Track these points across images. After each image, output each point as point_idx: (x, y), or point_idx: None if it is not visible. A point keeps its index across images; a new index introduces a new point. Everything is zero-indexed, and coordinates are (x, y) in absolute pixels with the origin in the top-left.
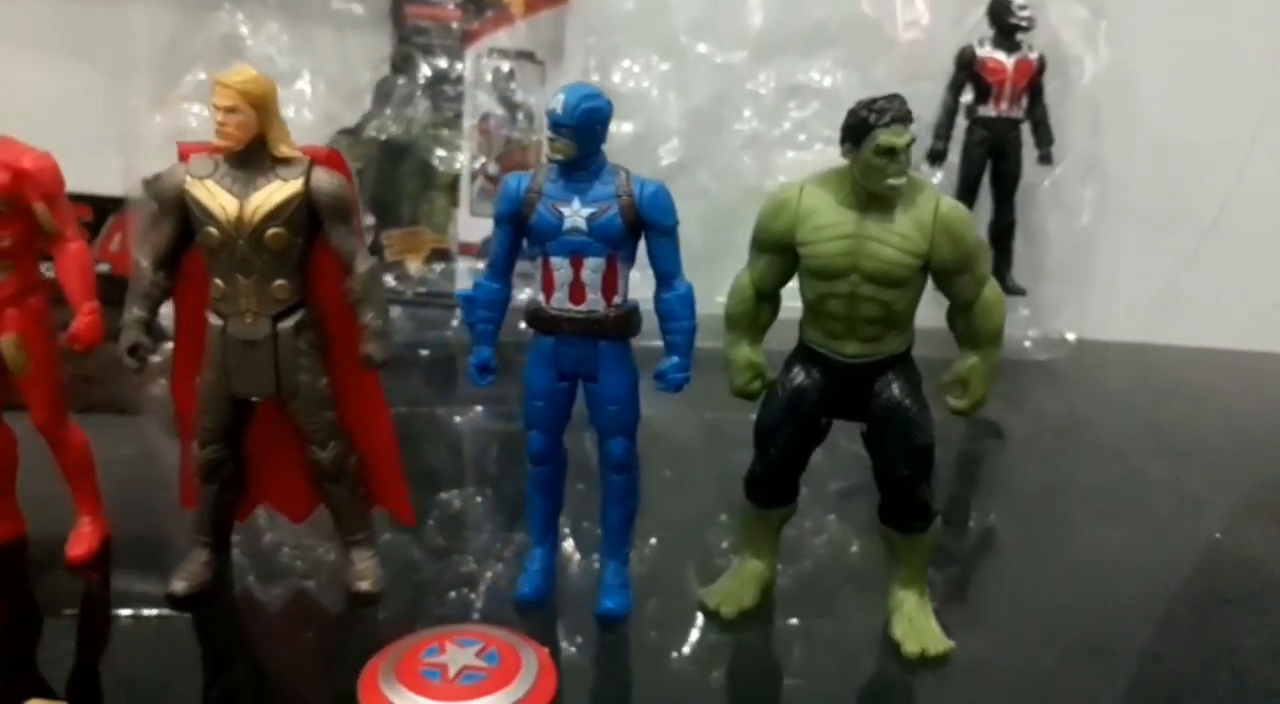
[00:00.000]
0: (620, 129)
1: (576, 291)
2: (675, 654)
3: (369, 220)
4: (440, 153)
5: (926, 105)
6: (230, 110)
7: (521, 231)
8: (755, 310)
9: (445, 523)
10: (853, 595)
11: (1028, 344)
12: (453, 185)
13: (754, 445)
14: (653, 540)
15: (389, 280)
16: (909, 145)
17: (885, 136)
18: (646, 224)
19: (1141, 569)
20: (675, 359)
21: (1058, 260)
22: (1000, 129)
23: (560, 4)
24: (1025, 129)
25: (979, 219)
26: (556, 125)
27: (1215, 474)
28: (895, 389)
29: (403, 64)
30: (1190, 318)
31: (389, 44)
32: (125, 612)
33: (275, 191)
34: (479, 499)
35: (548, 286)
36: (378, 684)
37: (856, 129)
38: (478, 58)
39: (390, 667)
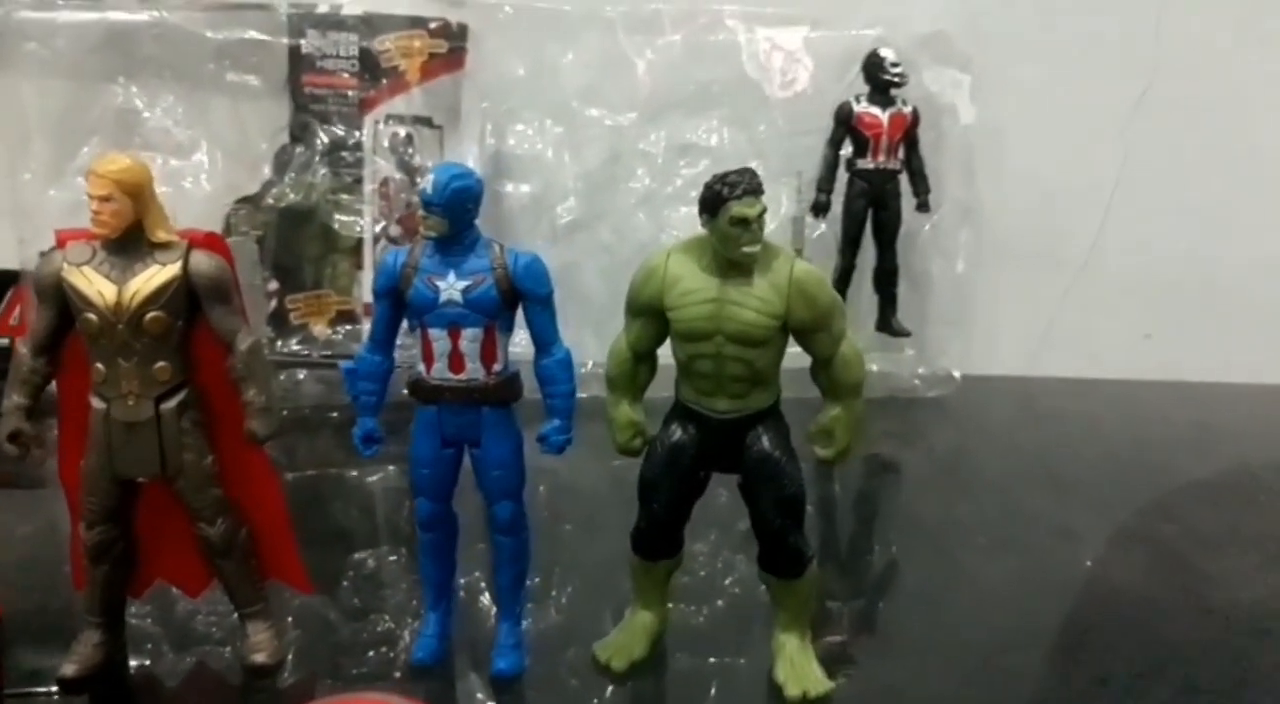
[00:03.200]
0: (519, 190)
1: (456, 361)
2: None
3: (272, 285)
4: (341, 218)
5: (808, 159)
6: (105, 199)
7: (401, 305)
8: (633, 371)
9: (360, 583)
10: (766, 634)
11: (916, 382)
12: (355, 248)
13: (638, 501)
14: (569, 590)
15: (294, 344)
16: (761, 215)
17: (738, 208)
18: (522, 294)
19: (1025, 597)
20: (557, 422)
21: (940, 302)
22: (879, 180)
23: (455, 71)
24: (903, 179)
25: (863, 267)
26: (428, 204)
27: (1089, 502)
28: (765, 442)
29: (301, 133)
30: (1067, 351)
31: (286, 113)
32: (19, 691)
33: (153, 276)
34: (393, 558)
35: (427, 357)
36: None
37: (711, 201)
38: (375, 124)
39: None
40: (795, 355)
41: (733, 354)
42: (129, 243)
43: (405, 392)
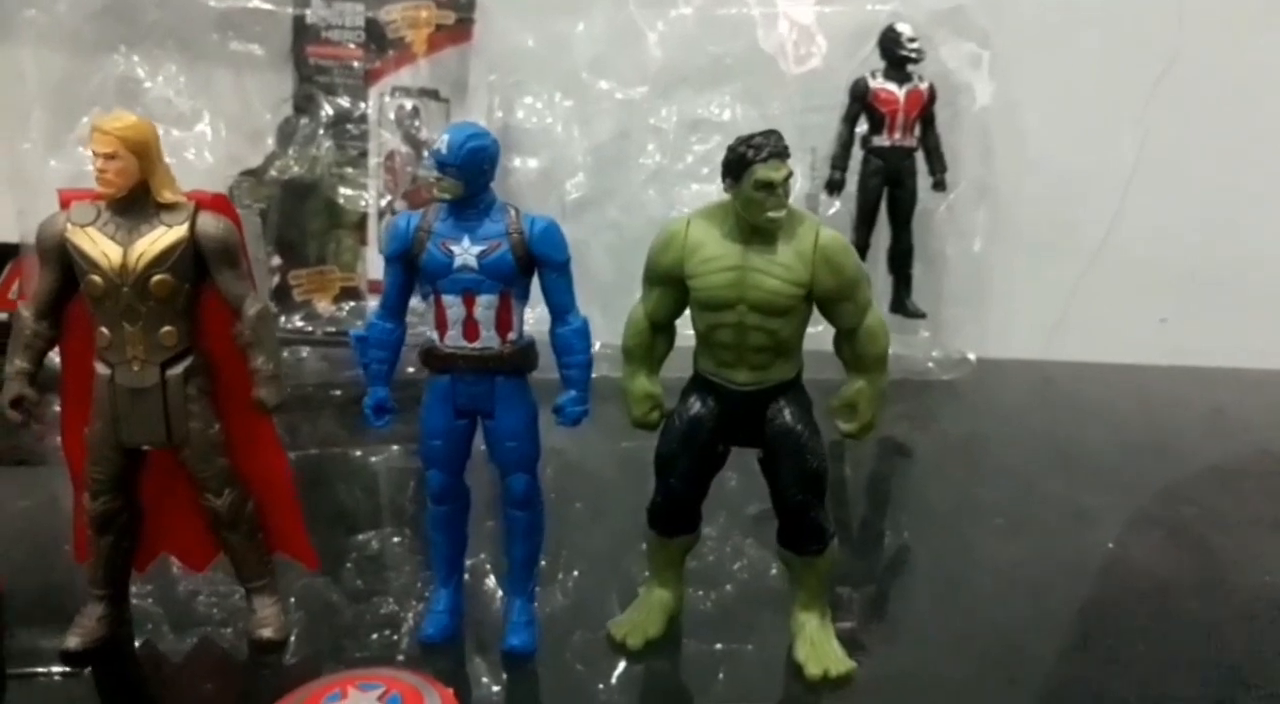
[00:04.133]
0: (527, 164)
1: (470, 329)
2: (589, 686)
3: (275, 261)
4: (346, 191)
5: (823, 136)
6: (110, 157)
7: (413, 270)
8: (650, 342)
9: (364, 564)
10: (775, 618)
11: (930, 365)
12: (360, 223)
13: (655, 475)
14: (575, 572)
15: (297, 321)
16: (786, 179)
17: (763, 171)
18: (538, 260)
19: (1040, 580)
20: (573, 393)
21: (956, 283)
22: (894, 158)
23: (462, 42)
24: (919, 157)
25: (877, 246)
26: (442, 165)
27: (1105, 485)
28: (787, 415)
29: (305, 104)
30: (1083, 334)
31: (290, 84)
32: (20, 669)
33: (159, 238)
34: (397, 539)
35: (441, 325)
36: None
37: (736, 165)
38: (381, 96)
39: None
40: (811, 337)
41: (755, 324)
42: (134, 203)
43: (411, 370)
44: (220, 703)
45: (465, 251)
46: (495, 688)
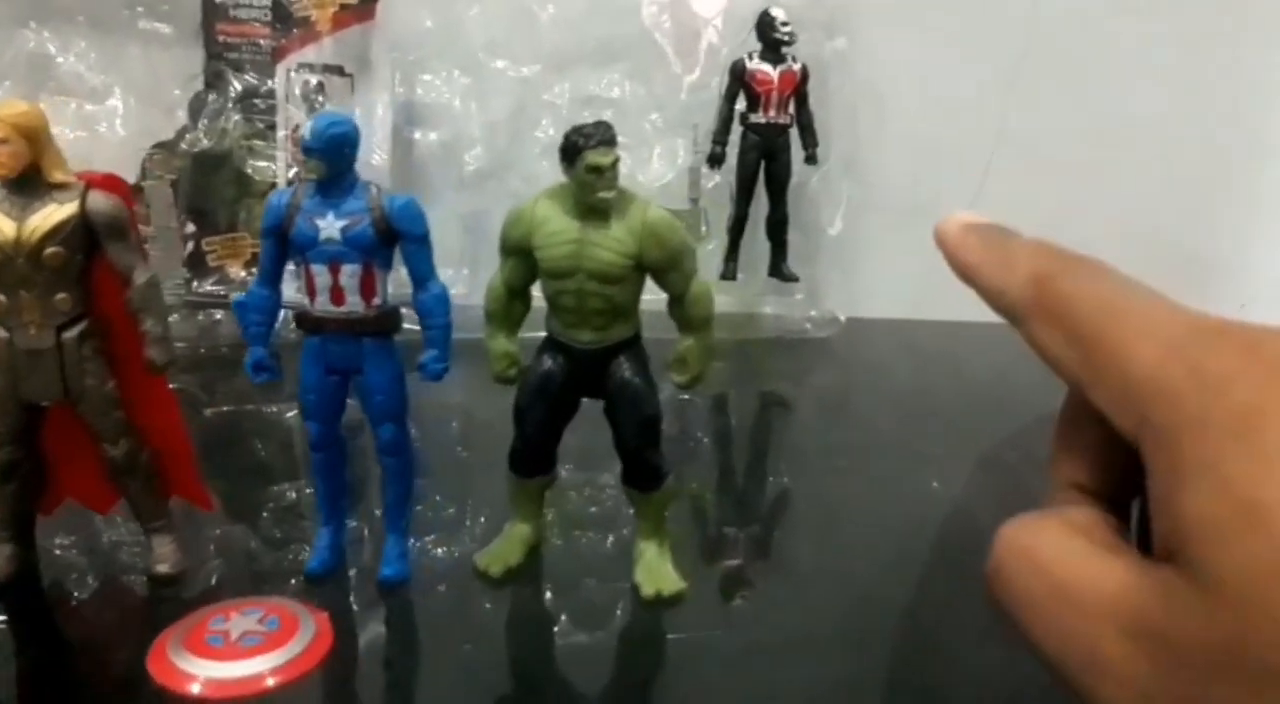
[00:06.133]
0: (428, 137)
1: (336, 295)
2: (456, 617)
3: (189, 228)
4: (255, 163)
5: (705, 113)
6: (3, 141)
7: (286, 242)
8: (508, 307)
9: (280, 514)
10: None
11: (807, 325)
12: (269, 193)
13: (513, 424)
14: (482, 519)
15: (210, 285)
16: (614, 164)
17: (593, 157)
18: (399, 233)
19: (889, 517)
20: (433, 351)
21: (828, 249)
22: (770, 134)
23: (365, 21)
24: (793, 133)
25: (756, 215)
26: (307, 149)
27: (950, 434)
28: (625, 370)
29: (214, 80)
30: (943, 296)
31: (200, 61)
32: None
33: (52, 214)
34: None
35: (310, 291)
36: (165, 653)
37: (570, 151)
38: (287, 73)
39: (179, 637)
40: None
41: (593, 290)
42: (27, 183)
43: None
44: (121, 630)
45: (330, 225)
46: (361, 614)
